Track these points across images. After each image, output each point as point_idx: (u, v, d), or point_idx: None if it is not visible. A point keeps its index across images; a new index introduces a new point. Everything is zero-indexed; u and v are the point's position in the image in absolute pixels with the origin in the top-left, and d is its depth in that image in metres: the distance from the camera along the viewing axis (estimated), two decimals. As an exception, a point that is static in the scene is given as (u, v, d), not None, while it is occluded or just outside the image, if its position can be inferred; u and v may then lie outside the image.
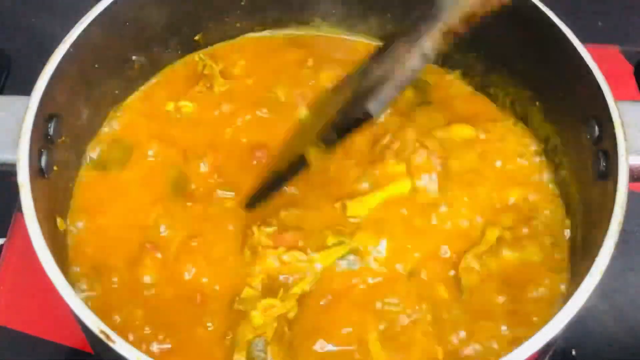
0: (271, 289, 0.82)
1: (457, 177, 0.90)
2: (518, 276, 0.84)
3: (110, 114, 0.95)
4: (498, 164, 0.92)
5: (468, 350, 0.79)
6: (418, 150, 0.90)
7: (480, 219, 0.88)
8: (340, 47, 1.05)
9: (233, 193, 0.88)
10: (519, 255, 0.85)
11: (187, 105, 0.96)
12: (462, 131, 0.94)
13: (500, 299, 0.82)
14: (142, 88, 0.99)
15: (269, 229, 0.84)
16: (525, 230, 0.87)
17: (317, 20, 1.05)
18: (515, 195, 0.90)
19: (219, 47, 1.03)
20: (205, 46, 1.02)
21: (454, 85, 1.01)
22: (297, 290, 0.81)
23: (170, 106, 0.96)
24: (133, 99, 0.98)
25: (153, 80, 0.99)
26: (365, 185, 0.89)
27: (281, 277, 0.83)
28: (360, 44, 1.05)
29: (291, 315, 0.80)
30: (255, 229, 0.84)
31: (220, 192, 0.89)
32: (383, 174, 0.89)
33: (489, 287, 0.83)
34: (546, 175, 0.93)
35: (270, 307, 0.80)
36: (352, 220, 0.86)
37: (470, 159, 0.92)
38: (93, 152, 0.92)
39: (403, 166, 0.89)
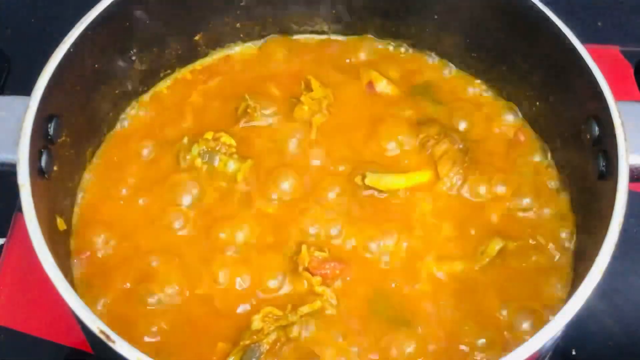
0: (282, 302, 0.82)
1: (478, 172, 0.91)
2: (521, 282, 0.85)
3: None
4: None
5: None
6: (441, 141, 0.91)
7: (494, 216, 0.89)
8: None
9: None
10: (522, 262, 0.86)
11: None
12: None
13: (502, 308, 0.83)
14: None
15: (319, 254, 0.84)
16: (529, 240, 0.87)
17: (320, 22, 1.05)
18: (522, 197, 0.90)
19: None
20: (205, 46, 1.02)
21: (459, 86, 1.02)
22: (306, 309, 0.81)
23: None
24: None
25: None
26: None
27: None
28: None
29: (294, 333, 0.79)
30: (305, 248, 0.84)
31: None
32: (409, 161, 0.92)
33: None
34: (547, 175, 0.93)
35: (270, 314, 0.80)
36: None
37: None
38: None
39: (427, 157, 0.91)
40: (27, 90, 0.79)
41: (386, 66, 1.02)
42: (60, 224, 0.84)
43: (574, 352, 0.94)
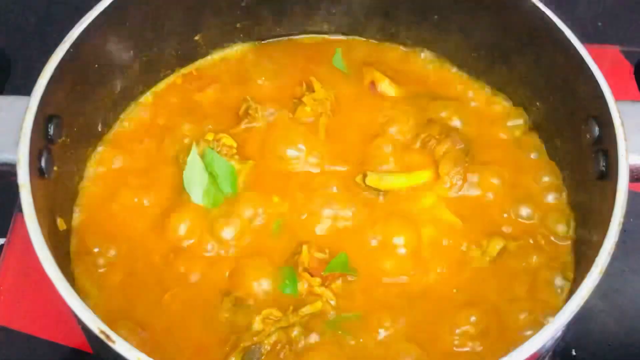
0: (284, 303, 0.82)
1: (478, 172, 0.91)
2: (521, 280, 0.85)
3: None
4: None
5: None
6: (442, 141, 0.91)
7: (494, 216, 0.89)
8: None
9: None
10: (523, 262, 0.86)
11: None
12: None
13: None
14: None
15: (319, 255, 0.84)
16: (529, 240, 0.88)
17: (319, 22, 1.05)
18: (522, 197, 0.90)
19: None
20: (205, 46, 1.02)
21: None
22: (306, 310, 0.80)
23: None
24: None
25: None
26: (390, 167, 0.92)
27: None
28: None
29: (295, 335, 0.79)
30: (305, 248, 0.84)
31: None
32: (409, 161, 0.92)
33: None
34: (547, 175, 0.93)
35: (271, 315, 0.79)
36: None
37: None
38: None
39: (428, 156, 0.91)
40: (27, 90, 0.79)
41: (387, 66, 1.02)
42: (60, 224, 0.84)
43: (574, 352, 0.94)
